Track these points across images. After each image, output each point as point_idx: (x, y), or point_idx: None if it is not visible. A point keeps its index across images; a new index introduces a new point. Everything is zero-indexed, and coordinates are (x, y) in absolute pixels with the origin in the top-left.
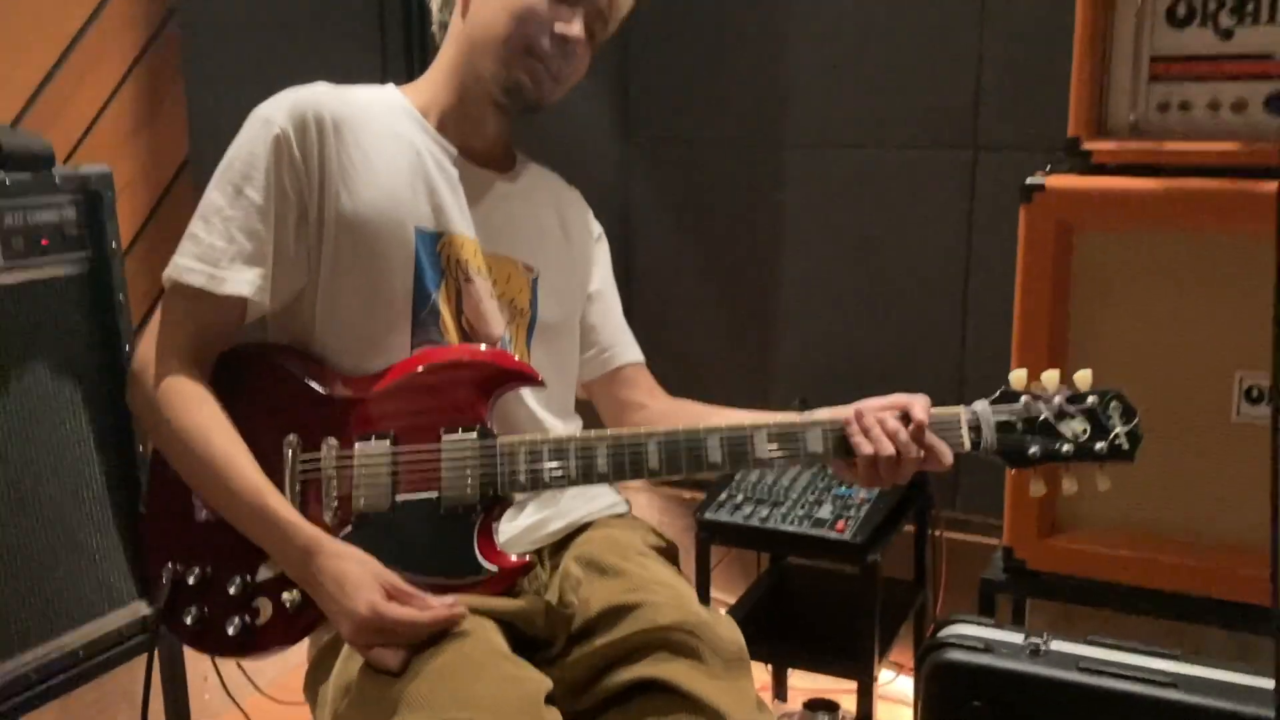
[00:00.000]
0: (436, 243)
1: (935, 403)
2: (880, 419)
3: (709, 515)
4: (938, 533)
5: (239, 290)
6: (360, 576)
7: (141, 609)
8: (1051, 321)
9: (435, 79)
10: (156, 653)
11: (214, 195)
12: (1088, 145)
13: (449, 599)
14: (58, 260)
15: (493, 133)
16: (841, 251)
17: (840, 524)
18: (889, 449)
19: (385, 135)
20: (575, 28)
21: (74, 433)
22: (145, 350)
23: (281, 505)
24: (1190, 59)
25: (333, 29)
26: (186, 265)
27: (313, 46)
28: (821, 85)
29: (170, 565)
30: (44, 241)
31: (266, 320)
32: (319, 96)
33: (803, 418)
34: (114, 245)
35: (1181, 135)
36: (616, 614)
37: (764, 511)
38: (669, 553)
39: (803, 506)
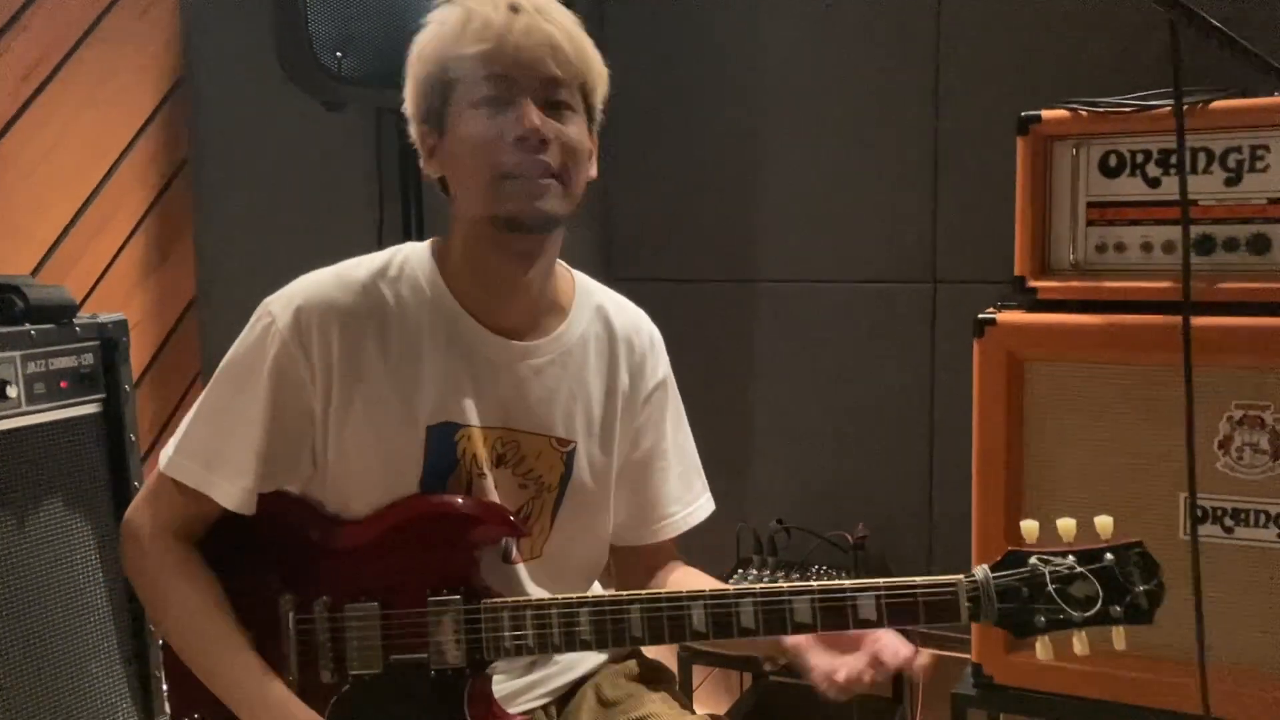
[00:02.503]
0: (454, 434)
1: (905, 526)
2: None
3: None
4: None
5: (224, 501)
6: None
7: None
8: (1008, 446)
9: (456, 242)
10: None
11: (214, 393)
12: (1033, 283)
13: None
14: (75, 402)
15: (524, 300)
16: (812, 379)
17: None
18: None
19: (404, 332)
20: (528, 120)
21: (83, 563)
22: (136, 518)
23: (267, 691)
24: (1123, 204)
25: (334, 180)
26: (181, 463)
27: (315, 196)
28: (790, 226)
29: (194, 717)
30: (63, 384)
31: None
32: (327, 295)
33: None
34: (127, 388)
35: (1119, 274)
36: None
37: None
38: (664, 676)
39: None
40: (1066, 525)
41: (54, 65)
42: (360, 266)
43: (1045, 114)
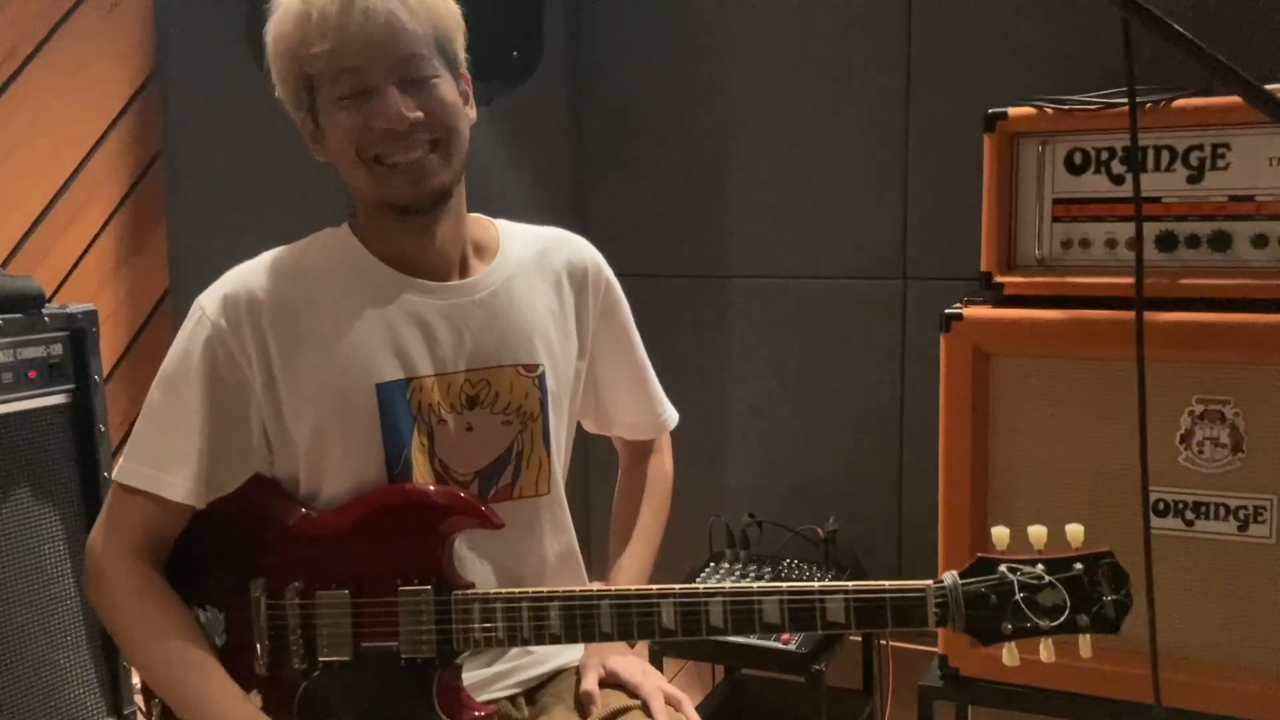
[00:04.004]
0: (406, 390)
1: (875, 519)
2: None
3: None
4: (884, 642)
5: (173, 495)
6: None
7: None
8: (974, 439)
9: (360, 215)
10: None
11: (155, 394)
12: (999, 279)
13: None
14: (44, 392)
15: (438, 244)
16: (784, 374)
17: (786, 635)
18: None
19: (335, 298)
20: (391, 109)
21: (52, 554)
22: (96, 543)
23: (234, 713)
24: (1087, 201)
25: (306, 170)
26: (128, 467)
27: (287, 189)
28: (762, 223)
29: (159, 699)
30: (31, 374)
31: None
32: (253, 281)
33: (788, 585)
34: (96, 378)
35: (1083, 270)
36: None
37: None
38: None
39: None
40: (1038, 533)
41: (25, 56)
42: (282, 250)
43: (1011, 111)
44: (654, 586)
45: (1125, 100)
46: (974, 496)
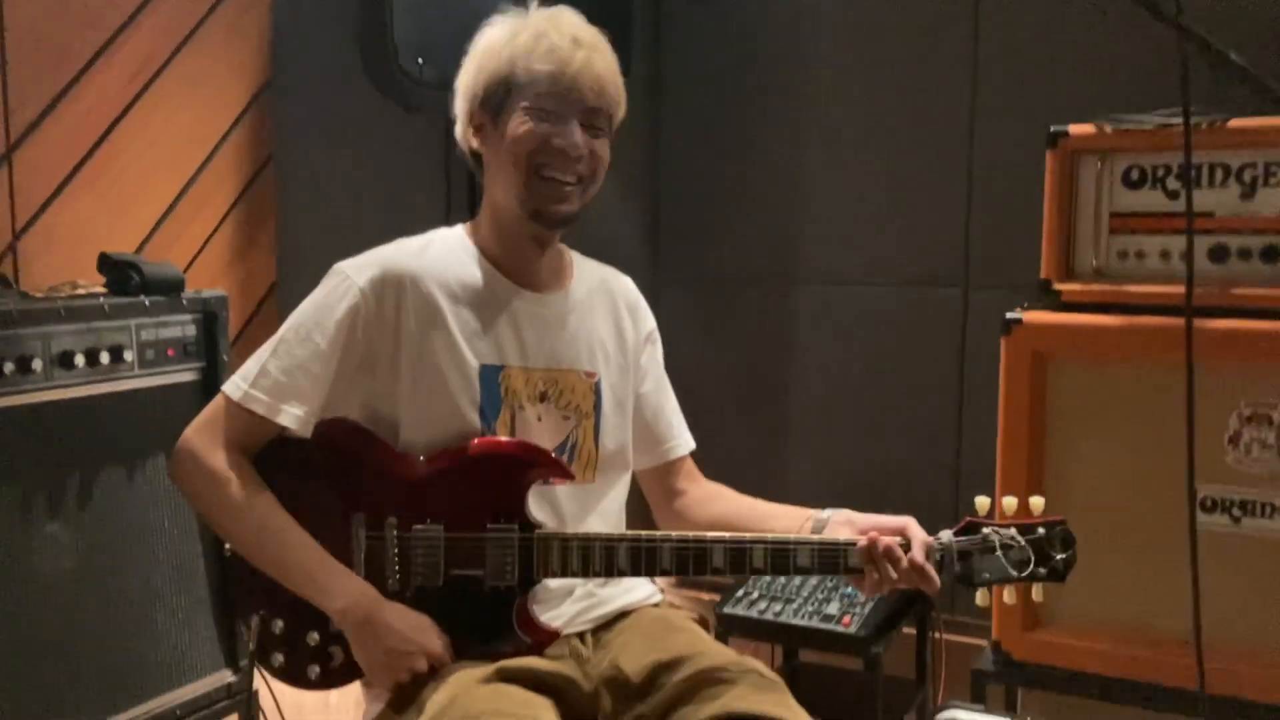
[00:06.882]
0: (498, 374)
1: (933, 518)
2: (887, 548)
3: (727, 609)
4: (937, 634)
5: (287, 423)
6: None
7: (227, 676)
8: (1030, 441)
9: (485, 216)
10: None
11: (288, 332)
12: (1057, 286)
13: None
14: (179, 369)
15: (541, 259)
16: (848, 376)
17: (846, 619)
18: (891, 576)
19: (454, 285)
20: (574, 137)
21: (177, 522)
22: (198, 439)
23: (323, 566)
24: (1144, 215)
25: (405, 178)
26: (254, 394)
27: (387, 192)
28: (830, 231)
29: (257, 616)
30: (170, 352)
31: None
32: (397, 261)
33: (819, 536)
34: (225, 358)
35: (1138, 279)
36: (670, 668)
37: (777, 607)
38: (703, 624)
39: (812, 603)
40: (1009, 502)
41: (158, 66)
42: (412, 241)
43: (1072, 129)
44: (709, 533)
45: (1179, 121)
46: (1029, 492)
